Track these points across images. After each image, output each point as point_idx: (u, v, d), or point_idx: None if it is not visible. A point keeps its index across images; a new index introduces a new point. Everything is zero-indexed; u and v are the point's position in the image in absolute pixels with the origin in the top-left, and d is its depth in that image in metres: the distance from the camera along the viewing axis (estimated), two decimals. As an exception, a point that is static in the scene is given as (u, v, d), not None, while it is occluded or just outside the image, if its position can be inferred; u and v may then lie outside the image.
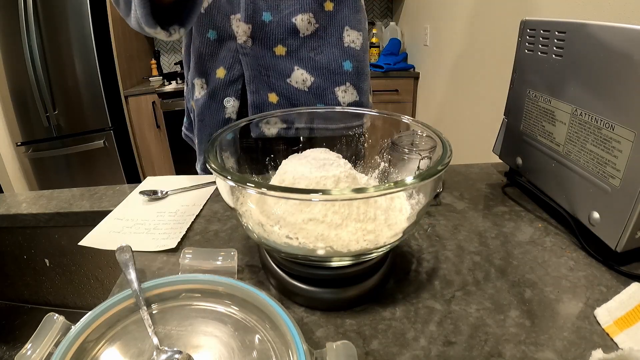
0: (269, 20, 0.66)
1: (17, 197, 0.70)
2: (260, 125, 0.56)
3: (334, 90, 0.72)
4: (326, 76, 0.70)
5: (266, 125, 0.56)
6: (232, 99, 0.71)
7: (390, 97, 2.36)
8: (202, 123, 0.75)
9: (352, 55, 0.71)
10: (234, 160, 0.57)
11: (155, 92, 2.42)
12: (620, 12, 0.93)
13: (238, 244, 0.52)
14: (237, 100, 0.72)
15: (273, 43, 0.68)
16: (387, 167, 0.51)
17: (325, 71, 0.70)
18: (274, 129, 0.56)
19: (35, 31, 2.10)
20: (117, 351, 0.34)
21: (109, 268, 0.64)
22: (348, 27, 0.70)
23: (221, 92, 0.71)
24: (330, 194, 0.33)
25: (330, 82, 0.71)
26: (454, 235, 0.52)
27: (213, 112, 0.73)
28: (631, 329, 0.35)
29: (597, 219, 0.45)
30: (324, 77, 0.70)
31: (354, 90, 0.73)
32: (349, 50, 0.71)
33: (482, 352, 0.34)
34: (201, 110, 0.74)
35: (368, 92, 0.77)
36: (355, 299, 0.40)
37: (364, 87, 0.75)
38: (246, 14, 0.65)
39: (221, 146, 0.43)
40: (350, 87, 0.72)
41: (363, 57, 0.74)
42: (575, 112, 0.47)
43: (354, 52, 0.71)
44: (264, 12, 0.66)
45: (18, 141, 2.35)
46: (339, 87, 0.72)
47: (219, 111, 0.72)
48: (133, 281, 0.38)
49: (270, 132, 0.61)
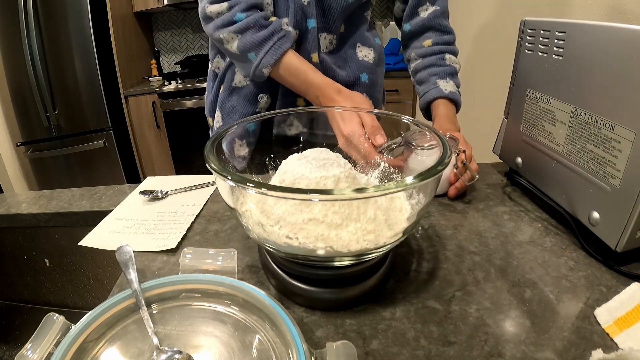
0: (312, 27, 0.70)
1: (17, 197, 0.69)
2: (283, 126, 0.58)
3: None
4: (346, 87, 0.75)
5: (289, 127, 0.58)
6: (266, 95, 0.76)
7: (390, 97, 2.35)
8: (234, 109, 0.79)
9: (367, 67, 0.78)
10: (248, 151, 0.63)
11: (155, 92, 2.42)
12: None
13: (238, 244, 0.52)
14: (270, 97, 0.76)
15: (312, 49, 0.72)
16: (387, 167, 0.51)
17: (345, 84, 0.74)
18: (295, 131, 0.58)
19: (35, 31, 2.09)
20: (117, 351, 0.34)
21: (109, 268, 0.64)
22: (359, 43, 0.77)
23: (259, 87, 0.76)
24: (330, 194, 0.33)
25: None
26: (454, 235, 0.51)
27: (247, 102, 0.77)
28: (631, 329, 0.35)
29: (597, 219, 0.45)
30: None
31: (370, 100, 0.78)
32: (364, 64, 0.78)
33: (482, 352, 0.34)
34: (237, 97, 0.78)
35: (381, 102, 0.86)
36: (355, 299, 0.40)
37: (378, 97, 0.83)
38: (295, 20, 0.69)
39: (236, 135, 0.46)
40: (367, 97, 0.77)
41: (376, 69, 0.80)
42: (575, 112, 0.47)
43: (368, 64, 0.78)
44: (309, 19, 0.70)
45: (18, 141, 2.35)
46: None
47: (252, 103, 0.77)
48: (133, 281, 0.38)
49: (291, 133, 0.63)
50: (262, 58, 0.65)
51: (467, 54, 1.74)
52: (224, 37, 0.67)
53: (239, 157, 0.73)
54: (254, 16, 0.65)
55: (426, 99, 0.74)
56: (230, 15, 0.65)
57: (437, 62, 0.75)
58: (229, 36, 0.66)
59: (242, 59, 0.68)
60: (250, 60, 0.66)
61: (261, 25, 0.65)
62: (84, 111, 2.33)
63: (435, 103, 0.73)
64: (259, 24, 0.65)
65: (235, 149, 0.73)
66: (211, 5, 0.66)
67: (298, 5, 0.68)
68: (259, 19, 0.65)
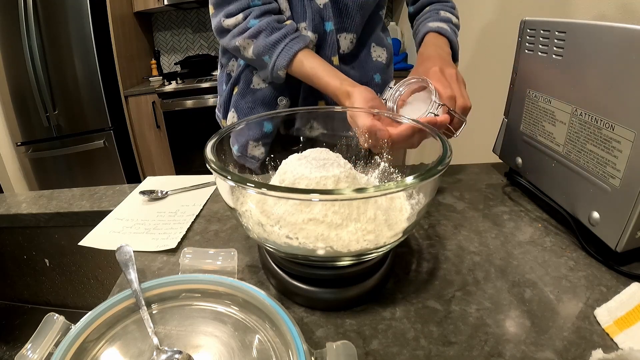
0: (329, 29, 0.70)
1: (17, 197, 0.70)
2: (304, 129, 0.58)
3: None
4: None
5: (310, 130, 0.58)
6: (286, 99, 0.76)
7: (390, 97, 2.36)
8: (252, 112, 0.79)
9: (380, 68, 0.79)
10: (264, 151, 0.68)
11: (155, 92, 2.42)
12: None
13: (238, 244, 0.52)
14: (290, 101, 0.76)
15: (332, 52, 0.72)
16: (387, 167, 0.51)
17: (361, 83, 0.73)
18: (315, 132, 0.58)
19: (35, 31, 2.10)
20: (117, 351, 0.34)
21: (109, 268, 0.64)
22: (374, 43, 0.78)
23: (278, 90, 0.76)
24: (330, 194, 0.33)
25: None
26: (454, 235, 0.51)
27: (266, 105, 0.77)
28: (631, 329, 0.35)
29: (597, 219, 0.45)
30: None
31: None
32: (378, 64, 0.78)
33: (482, 352, 0.34)
34: (255, 99, 0.78)
35: None
36: (355, 299, 0.40)
37: None
38: (313, 24, 0.69)
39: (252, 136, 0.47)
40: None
41: (387, 70, 0.81)
42: (575, 112, 0.47)
43: (381, 65, 0.79)
44: (326, 22, 0.70)
45: (18, 141, 2.35)
46: None
47: (271, 106, 0.77)
48: (133, 281, 0.38)
49: (311, 134, 0.63)
50: (275, 60, 0.65)
51: (468, 54, 1.74)
52: (239, 44, 0.67)
53: (252, 157, 0.74)
54: (267, 20, 0.65)
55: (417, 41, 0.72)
56: (245, 23, 0.66)
57: (431, 15, 0.74)
58: (244, 42, 0.67)
59: (259, 63, 0.68)
60: (266, 63, 0.66)
61: (274, 28, 0.65)
62: (84, 111, 2.33)
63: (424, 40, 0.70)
64: (272, 26, 0.65)
65: (249, 149, 0.74)
66: (227, 19, 0.67)
67: (315, 9, 0.68)
68: (271, 22, 0.65)
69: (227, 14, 0.67)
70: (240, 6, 0.66)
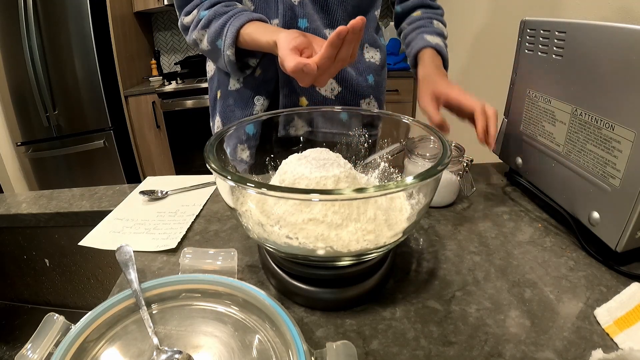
0: (304, 27, 0.69)
1: (17, 197, 0.69)
2: (288, 127, 0.58)
3: (359, 102, 0.77)
4: (353, 88, 0.75)
5: (293, 128, 0.58)
6: (263, 97, 0.74)
7: (390, 97, 2.35)
8: (233, 114, 0.78)
9: (374, 69, 0.78)
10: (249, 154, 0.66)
11: (155, 92, 2.42)
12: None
13: (238, 244, 0.52)
14: (267, 99, 0.75)
15: None
16: (387, 167, 0.51)
17: (354, 83, 0.74)
18: (300, 131, 0.58)
19: (35, 31, 2.09)
20: (117, 351, 0.34)
21: (109, 268, 0.64)
22: (367, 44, 0.77)
23: (254, 90, 0.74)
24: (330, 194, 0.33)
25: (356, 95, 0.76)
26: (454, 235, 0.51)
27: (243, 106, 0.76)
28: (631, 329, 0.35)
29: (597, 219, 0.45)
30: (351, 88, 0.75)
31: (375, 102, 0.79)
32: (371, 65, 0.77)
33: (482, 352, 0.34)
34: (233, 101, 0.77)
35: (384, 103, 0.85)
36: (355, 299, 0.40)
37: (382, 98, 0.82)
38: (284, 20, 0.68)
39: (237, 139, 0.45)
40: (373, 99, 0.78)
41: (381, 71, 0.80)
42: (575, 112, 0.47)
43: (375, 66, 0.78)
44: (300, 19, 0.69)
45: (18, 141, 2.35)
46: (364, 99, 0.77)
47: (248, 107, 0.76)
48: (133, 281, 0.38)
49: (296, 133, 0.62)
50: (224, 42, 0.64)
51: (467, 54, 1.74)
52: (196, 37, 0.67)
53: (241, 160, 0.74)
54: (215, 8, 0.65)
55: (413, 51, 0.73)
56: (198, 16, 0.66)
57: (425, 24, 0.75)
58: (199, 34, 0.66)
59: (216, 52, 0.67)
60: (220, 48, 0.65)
61: (222, 13, 0.64)
62: (84, 111, 2.33)
63: (421, 53, 0.72)
64: (219, 12, 0.64)
65: (237, 153, 0.73)
66: (185, 17, 0.68)
67: (287, 6, 0.67)
68: (219, 9, 0.64)
69: (185, 12, 0.68)
70: (195, 3, 0.67)
